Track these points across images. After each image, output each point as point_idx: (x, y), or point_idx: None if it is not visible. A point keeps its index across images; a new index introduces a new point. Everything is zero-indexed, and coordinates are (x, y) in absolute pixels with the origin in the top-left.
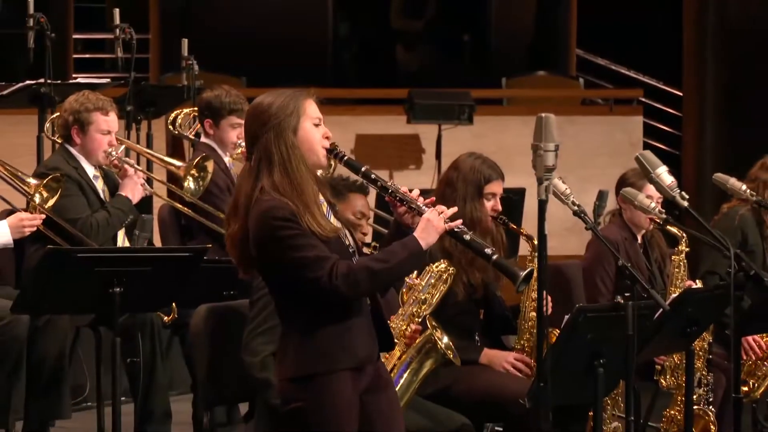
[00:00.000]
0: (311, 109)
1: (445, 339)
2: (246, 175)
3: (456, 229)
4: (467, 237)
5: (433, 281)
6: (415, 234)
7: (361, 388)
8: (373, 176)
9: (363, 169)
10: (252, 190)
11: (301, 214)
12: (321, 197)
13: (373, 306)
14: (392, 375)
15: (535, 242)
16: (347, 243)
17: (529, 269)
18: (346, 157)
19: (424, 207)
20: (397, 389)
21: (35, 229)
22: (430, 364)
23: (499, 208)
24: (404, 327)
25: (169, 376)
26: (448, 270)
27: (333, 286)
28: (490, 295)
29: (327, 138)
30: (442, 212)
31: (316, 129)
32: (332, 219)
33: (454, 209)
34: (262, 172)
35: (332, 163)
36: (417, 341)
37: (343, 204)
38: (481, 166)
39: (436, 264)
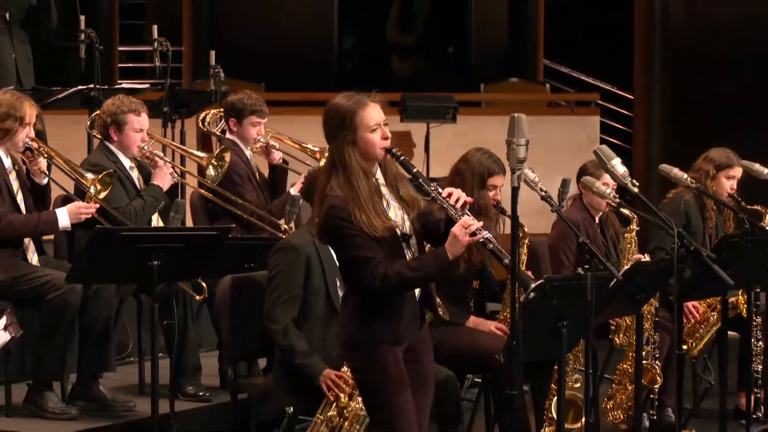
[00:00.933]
0: (369, 117)
1: (437, 300)
2: (324, 170)
3: (482, 240)
4: (490, 246)
5: None
6: (446, 245)
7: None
8: (421, 178)
9: (414, 170)
10: (324, 186)
11: (356, 215)
12: (385, 190)
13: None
14: None
15: (526, 229)
16: (403, 232)
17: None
18: (402, 158)
19: (456, 214)
20: None
21: (90, 216)
22: (427, 318)
23: (499, 198)
24: None
25: (198, 335)
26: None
27: (370, 285)
28: (484, 270)
29: (386, 139)
30: (468, 226)
31: (373, 134)
32: (392, 209)
33: (480, 223)
34: (332, 171)
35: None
36: None
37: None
38: (487, 161)
39: None
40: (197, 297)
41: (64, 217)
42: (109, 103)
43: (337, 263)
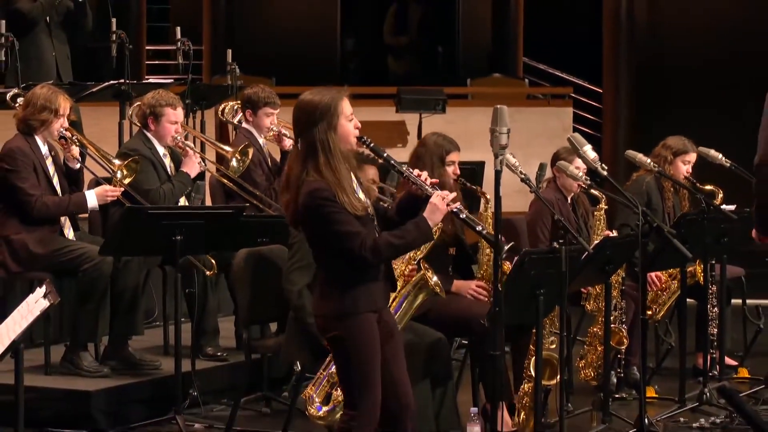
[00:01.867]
0: (346, 107)
1: (435, 278)
2: (295, 159)
3: (455, 210)
4: (463, 215)
5: None
6: (424, 215)
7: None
8: (392, 161)
9: (385, 154)
10: (301, 172)
11: (338, 194)
12: (353, 176)
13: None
14: (394, 304)
15: (489, 197)
16: (370, 213)
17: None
18: (372, 144)
19: (429, 189)
20: (397, 315)
21: (115, 198)
22: (423, 296)
23: (458, 172)
24: (404, 268)
25: (217, 302)
26: (438, 226)
27: (362, 256)
28: (458, 238)
29: (357, 128)
30: (445, 197)
31: (349, 123)
32: (360, 193)
33: (455, 194)
34: (308, 157)
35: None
36: (413, 279)
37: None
38: (443, 141)
39: None
40: (207, 272)
41: (92, 198)
42: (150, 96)
43: (311, 242)
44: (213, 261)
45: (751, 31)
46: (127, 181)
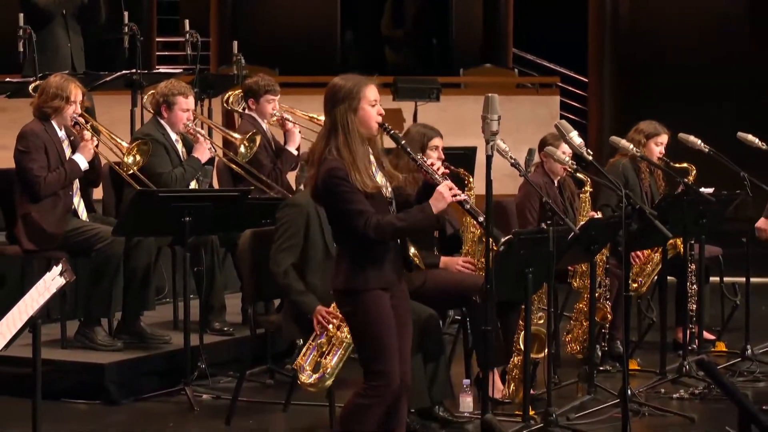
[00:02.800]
0: (370, 93)
1: (412, 250)
2: (320, 137)
3: (461, 200)
4: (468, 206)
5: None
6: (430, 201)
7: (389, 302)
8: (408, 149)
9: (402, 142)
10: (323, 149)
11: (351, 173)
12: (372, 158)
13: (402, 241)
14: None
15: (471, 177)
16: (387, 195)
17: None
18: (392, 132)
19: (439, 178)
20: None
21: (93, 145)
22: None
23: (443, 156)
24: None
25: (224, 280)
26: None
27: (365, 234)
28: (442, 220)
29: (380, 115)
30: (452, 188)
31: (372, 108)
32: (379, 176)
33: (459, 192)
34: (331, 137)
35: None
36: None
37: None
38: (424, 129)
39: None
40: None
41: (81, 159)
42: (163, 85)
43: (329, 219)
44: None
45: (725, 25)
46: (137, 166)
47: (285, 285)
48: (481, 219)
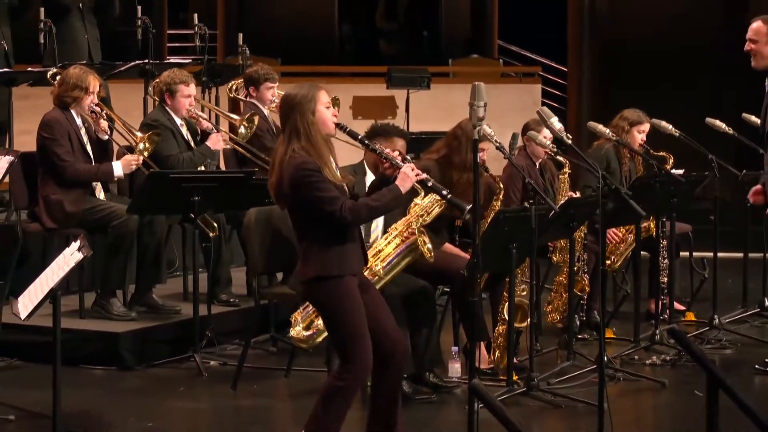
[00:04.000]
0: (323, 96)
1: (428, 245)
2: (280, 143)
3: (423, 179)
4: (429, 183)
5: (430, 204)
6: (396, 182)
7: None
8: (366, 141)
9: (360, 136)
10: (285, 153)
11: (321, 167)
12: (332, 158)
13: (359, 236)
14: (387, 259)
15: (501, 185)
16: (346, 189)
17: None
18: (348, 129)
19: (400, 162)
20: (386, 268)
21: (138, 165)
22: (411, 257)
23: (485, 158)
24: (403, 229)
25: (230, 254)
26: (442, 201)
27: (342, 216)
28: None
29: (335, 116)
30: (413, 168)
31: (327, 110)
32: (338, 172)
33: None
34: (292, 140)
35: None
36: (409, 240)
37: (388, 143)
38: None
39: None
40: (211, 234)
41: (118, 168)
42: (165, 75)
43: (295, 214)
44: (215, 224)
45: (698, 17)
46: (147, 153)
47: None
48: (444, 193)
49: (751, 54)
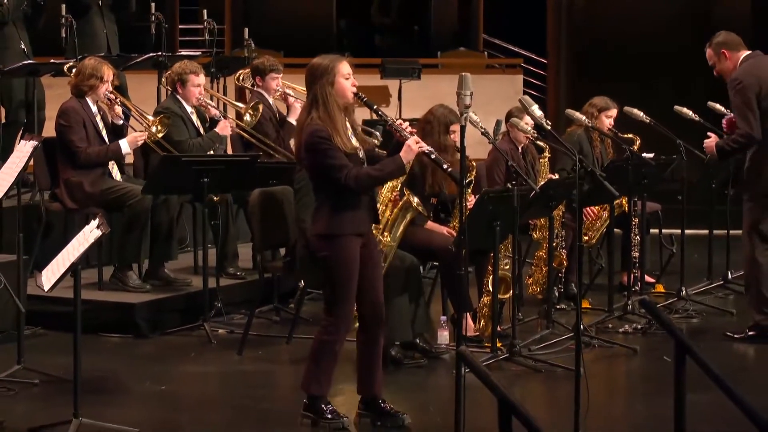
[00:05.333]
0: (344, 68)
1: (416, 200)
2: (303, 109)
3: (426, 151)
4: (433, 156)
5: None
6: (401, 154)
7: (360, 246)
8: (380, 112)
9: (375, 107)
10: (305, 119)
11: (333, 135)
12: (348, 125)
13: (371, 197)
14: (388, 226)
15: (474, 164)
16: (361, 156)
17: (469, 179)
18: (366, 99)
19: (407, 134)
20: (391, 234)
21: (143, 141)
22: (410, 215)
23: (457, 140)
24: (389, 195)
25: (237, 231)
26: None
27: (347, 184)
28: (441, 192)
29: (354, 86)
30: (418, 141)
31: (346, 81)
32: (354, 140)
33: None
34: (312, 108)
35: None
36: (400, 203)
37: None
38: (449, 114)
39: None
40: (215, 198)
41: (125, 145)
42: (177, 66)
43: (311, 175)
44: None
45: (666, 15)
46: (160, 134)
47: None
48: (445, 166)
49: (715, 70)
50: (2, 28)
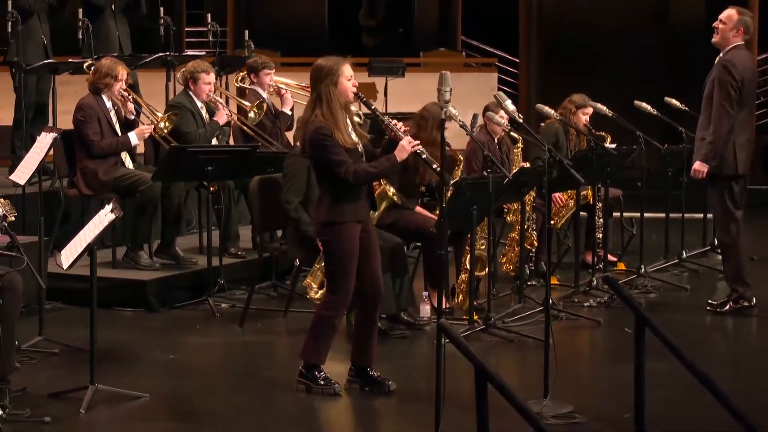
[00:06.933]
0: (347, 70)
1: (392, 190)
2: (308, 106)
3: (419, 151)
4: (424, 156)
5: None
6: (395, 153)
7: (359, 231)
8: (377, 112)
9: (373, 107)
10: (310, 115)
11: (334, 132)
12: (349, 121)
13: (369, 187)
14: None
15: (461, 157)
16: (360, 151)
17: (455, 180)
18: (365, 99)
19: (401, 134)
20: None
21: (150, 133)
22: (385, 203)
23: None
24: (375, 186)
25: (238, 214)
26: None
27: (346, 178)
28: (429, 182)
29: (355, 86)
30: (411, 141)
31: (348, 81)
32: (353, 135)
33: (418, 142)
34: (316, 105)
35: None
36: (377, 191)
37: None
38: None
39: None
40: (212, 188)
41: (134, 137)
42: (190, 64)
43: (315, 167)
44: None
45: (627, 16)
46: (167, 131)
47: (296, 218)
48: (435, 166)
49: (716, 30)
50: (27, 19)
